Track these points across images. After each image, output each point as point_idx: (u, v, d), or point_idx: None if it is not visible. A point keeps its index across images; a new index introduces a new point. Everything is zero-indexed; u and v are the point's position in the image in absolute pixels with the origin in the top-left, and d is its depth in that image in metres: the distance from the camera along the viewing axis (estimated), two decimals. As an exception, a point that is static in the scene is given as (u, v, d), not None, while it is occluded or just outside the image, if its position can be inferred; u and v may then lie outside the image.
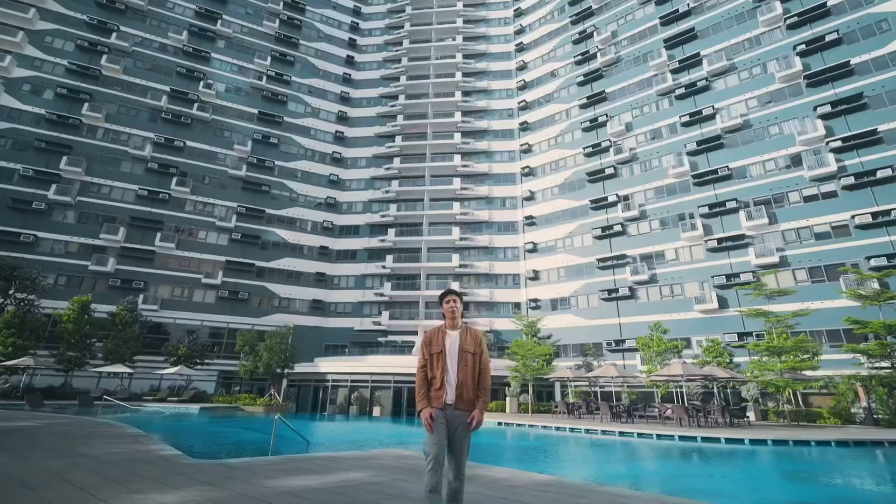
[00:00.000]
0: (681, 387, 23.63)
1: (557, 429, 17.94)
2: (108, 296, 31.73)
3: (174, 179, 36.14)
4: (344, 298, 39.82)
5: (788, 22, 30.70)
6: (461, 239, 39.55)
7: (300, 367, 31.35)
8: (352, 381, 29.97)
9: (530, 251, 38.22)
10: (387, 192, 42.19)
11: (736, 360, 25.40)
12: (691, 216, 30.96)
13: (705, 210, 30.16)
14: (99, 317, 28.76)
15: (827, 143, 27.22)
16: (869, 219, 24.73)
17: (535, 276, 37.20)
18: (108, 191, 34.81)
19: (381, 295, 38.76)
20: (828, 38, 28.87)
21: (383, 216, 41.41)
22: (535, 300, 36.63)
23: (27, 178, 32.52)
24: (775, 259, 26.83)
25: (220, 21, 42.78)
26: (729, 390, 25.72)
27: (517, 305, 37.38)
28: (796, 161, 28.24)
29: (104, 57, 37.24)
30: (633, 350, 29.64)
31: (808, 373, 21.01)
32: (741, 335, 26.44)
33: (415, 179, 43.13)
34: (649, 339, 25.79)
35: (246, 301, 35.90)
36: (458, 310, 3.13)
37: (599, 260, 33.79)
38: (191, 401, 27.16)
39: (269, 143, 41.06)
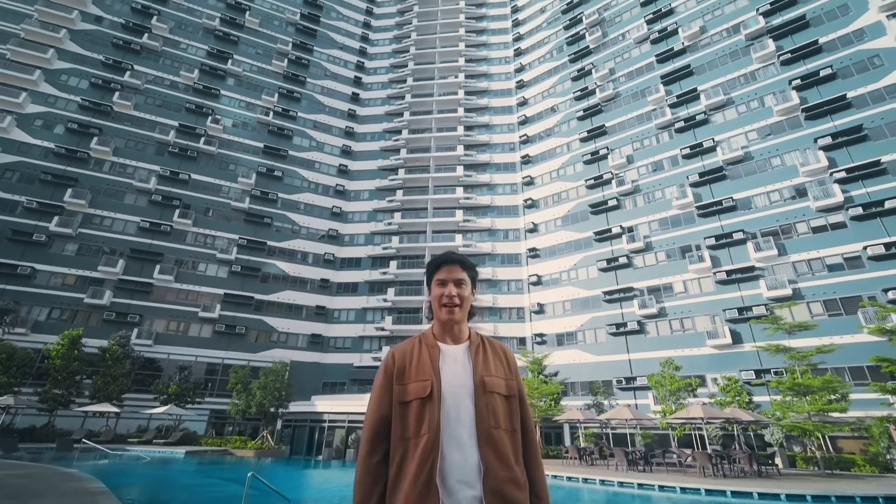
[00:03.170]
0: (699, 429, 22.17)
1: (569, 479, 16.55)
2: (102, 330, 30.87)
3: (177, 211, 36.10)
4: (344, 333, 38.73)
5: (782, 58, 31.28)
6: (464, 271, 38.81)
7: (296, 406, 29.92)
8: (349, 420, 28.46)
9: (534, 284, 37.42)
10: (389, 224, 42.02)
11: (756, 399, 24.00)
12: (698, 248, 30.35)
13: (712, 241, 29.59)
14: (89, 352, 27.78)
15: (831, 174, 26.97)
16: (882, 250, 24.05)
17: (540, 310, 36.20)
18: (109, 223, 34.71)
19: (382, 329, 37.70)
20: (822, 74, 29.25)
21: (385, 248, 41.02)
22: (541, 335, 35.45)
23: (30, 211, 32.50)
24: (788, 291, 25.94)
25: (230, 60, 44.22)
26: (751, 433, 24.13)
27: (522, 340, 36.16)
28: (801, 192, 27.91)
29: (116, 94, 38.18)
30: (645, 388, 28.22)
31: (836, 415, 19.65)
32: (758, 372, 25.14)
33: (417, 211, 43.08)
34: (661, 377, 24.52)
35: (243, 336, 34.90)
36: (464, 297, 1.61)
37: (606, 293, 32.90)
38: (178, 443, 25.71)
39: (274, 175, 41.37)
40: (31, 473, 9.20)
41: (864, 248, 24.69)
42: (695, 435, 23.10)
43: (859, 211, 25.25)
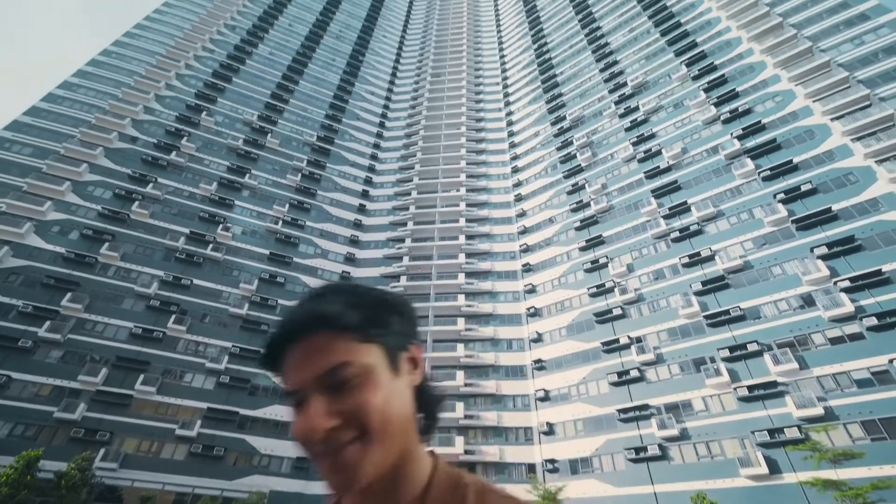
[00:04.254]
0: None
1: None
2: (65, 450, 27.77)
3: (172, 317, 35.23)
4: (332, 454, 34.81)
5: (762, 175, 33.26)
6: (465, 385, 36.45)
7: (269, 550, 25.47)
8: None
9: (542, 399, 34.73)
10: (388, 331, 40.76)
11: (812, 548, 20.31)
12: (712, 360, 28.71)
13: (726, 353, 28.11)
14: (44, 477, 24.53)
15: (835, 283, 26.67)
16: (911, 365, 22.62)
17: (550, 431, 32.94)
18: (101, 328, 33.68)
19: (375, 449, 33.94)
20: (803, 189, 30.78)
21: (383, 357, 39.11)
22: (552, 461, 31.67)
23: (24, 315, 31.75)
24: (819, 411, 23.71)
25: (248, 175, 47.62)
26: None
27: (531, 467, 32.17)
28: (809, 301, 27.33)
29: (136, 203, 40.12)
30: (679, 531, 24.17)
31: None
32: (808, 512, 21.71)
33: (418, 319, 42.17)
34: (696, 517, 21.12)
35: (221, 458, 31.25)
36: (365, 412, 0.67)
37: (620, 410, 30.26)
38: None
39: (276, 282, 41.47)
40: None
41: (890, 361, 23.26)
42: None
43: (874, 321, 24.40)
